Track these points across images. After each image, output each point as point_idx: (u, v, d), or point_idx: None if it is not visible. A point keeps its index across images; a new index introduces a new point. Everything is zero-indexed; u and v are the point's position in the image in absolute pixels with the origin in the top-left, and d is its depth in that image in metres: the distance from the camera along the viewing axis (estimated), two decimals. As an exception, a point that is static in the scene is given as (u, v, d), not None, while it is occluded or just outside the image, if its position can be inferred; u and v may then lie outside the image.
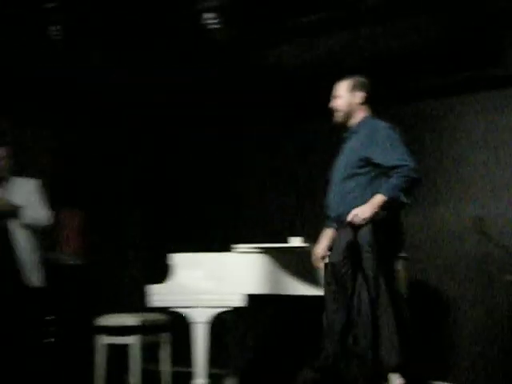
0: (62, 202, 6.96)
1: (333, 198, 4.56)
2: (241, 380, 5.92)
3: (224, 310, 5.20)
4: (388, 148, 4.33)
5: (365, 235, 4.28)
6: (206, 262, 5.26)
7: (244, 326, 6.01)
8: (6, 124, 6.72)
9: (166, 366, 6.36)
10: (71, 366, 6.38)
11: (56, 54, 5.93)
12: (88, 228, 7.45)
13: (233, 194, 7.31)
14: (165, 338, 6.35)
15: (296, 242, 5.23)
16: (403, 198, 4.28)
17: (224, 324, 5.71)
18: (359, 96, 4.58)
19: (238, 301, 5.13)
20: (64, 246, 7.30)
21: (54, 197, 6.20)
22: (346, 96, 4.58)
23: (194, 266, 5.26)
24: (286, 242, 5.26)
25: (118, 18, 5.47)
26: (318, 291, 5.10)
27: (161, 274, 5.37)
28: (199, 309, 5.18)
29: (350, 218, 4.33)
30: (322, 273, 4.92)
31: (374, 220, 4.26)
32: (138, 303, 6.07)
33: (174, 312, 5.38)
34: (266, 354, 6.59)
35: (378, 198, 4.30)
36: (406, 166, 4.26)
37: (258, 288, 5.17)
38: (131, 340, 6.02)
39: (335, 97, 4.64)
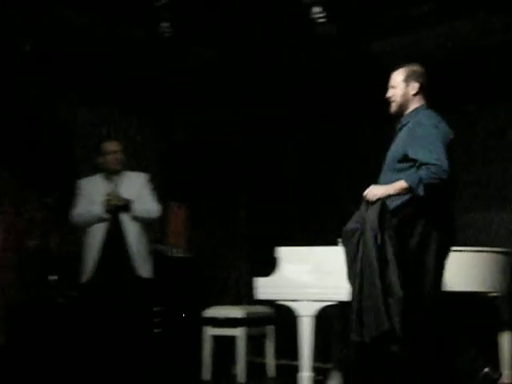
0: (169, 196, 7.12)
1: None
2: (345, 375, 5.90)
3: (329, 303, 5.20)
4: (425, 145, 4.19)
5: (371, 214, 4.21)
6: (312, 255, 5.27)
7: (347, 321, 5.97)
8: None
9: (270, 359, 6.41)
10: (179, 356, 6.51)
11: (165, 52, 6.07)
12: (195, 221, 7.58)
13: (340, 187, 7.29)
14: (270, 331, 6.40)
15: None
16: (421, 192, 4.12)
17: (329, 318, 5.71)
18: (414, 86, 4.40)
19: (343, 295, 5.10)
20: (171, 239, 7.46)
21: (162, 190, 6.34)
22: (400, 86, 4.42)
23: (300, 259, 5.28)
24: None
25: (225, 15, 5.54)
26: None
27: (267, 267, 5.41)
28: (305, 302, 5.20)
29: (365, 192, 4.28)
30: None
31: (383, 201, 4.19)
32: (243, 296, 6.15)
33: (279, 305, 5.41)
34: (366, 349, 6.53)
35: (399, 183, 4.20)
36: (438, 165, 4.11)
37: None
38: (237, 332, 6.10)
39: (390, 87, 4.48)
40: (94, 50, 6.19)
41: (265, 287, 5.34)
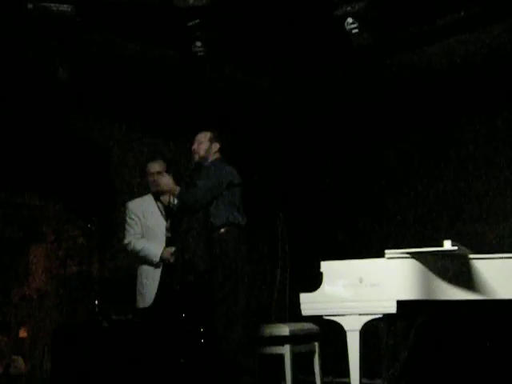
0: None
1: None
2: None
3: (376, 317, 5.11)
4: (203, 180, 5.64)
5: None
6: (357, 268, 5.19)
7: (396, 335, 5.90)
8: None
9: (318, 376, 6.33)
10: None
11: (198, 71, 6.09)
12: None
13: (381, 199, 7.25)
14: (315, 348, 6.33)
15: (447, 245, 5.10)
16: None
17: (376, 333, 5.64)
18: (216, 146, 5.80)
19: (390, 307, 5.04)
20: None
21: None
22: (206, 143, 5.79)
23: (345, 272, 5.21)
24: (440, 245, 5.13)
25: (257, 29, 5.56)
26: (473, 295, 4.96)
27: (311, 282, 5.36)
28: (351, 316, 5.13)
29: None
30: (478, 276, 4.83)
31: None
32: (287, 312, 6.10)
33: (323, 321, 5.35)
34: (419, 364, 6.43)
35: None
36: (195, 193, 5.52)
37: (411, 294, 5.06)
38: (283, 350, 6.04)
39: (197, 142, 5.85)
40: (127, 71, 6.23)
41: (310, 303, 5.27)
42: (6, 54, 5.57)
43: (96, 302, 6.37)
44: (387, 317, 5.12)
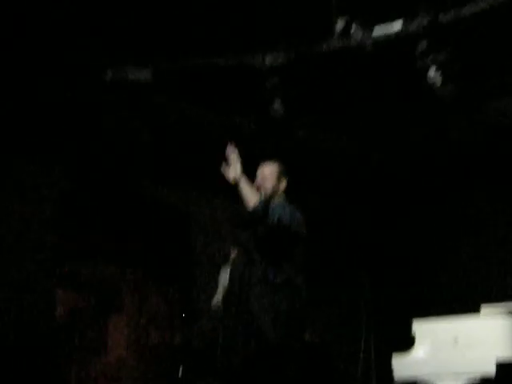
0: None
1: None
2: None
3: (475, 381, 4.86)
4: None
5: None
6: (450, 326, 4.97)
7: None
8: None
9: None
10: None
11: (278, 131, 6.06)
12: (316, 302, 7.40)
13: (470, 250, 7.07)
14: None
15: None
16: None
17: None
18: (284, 184, 4.83)
19: (489, 370, 4.77)
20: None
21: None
22: (273, 178, 4.85)
23: (439, 332, 4.99)
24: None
25: (335, 86, 5.52)
26: None
27: (400, 344, 5.14)
28: (447, 381, 4.88)
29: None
30: None
31: None
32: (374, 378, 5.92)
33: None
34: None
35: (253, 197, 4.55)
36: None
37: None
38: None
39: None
40: (205, 137, 6.23)
41: (403, 366, 5.04)
42: (87, 120, 5.63)
43: (180, 369, 6.29)
44: (487, 380, 4.85)
